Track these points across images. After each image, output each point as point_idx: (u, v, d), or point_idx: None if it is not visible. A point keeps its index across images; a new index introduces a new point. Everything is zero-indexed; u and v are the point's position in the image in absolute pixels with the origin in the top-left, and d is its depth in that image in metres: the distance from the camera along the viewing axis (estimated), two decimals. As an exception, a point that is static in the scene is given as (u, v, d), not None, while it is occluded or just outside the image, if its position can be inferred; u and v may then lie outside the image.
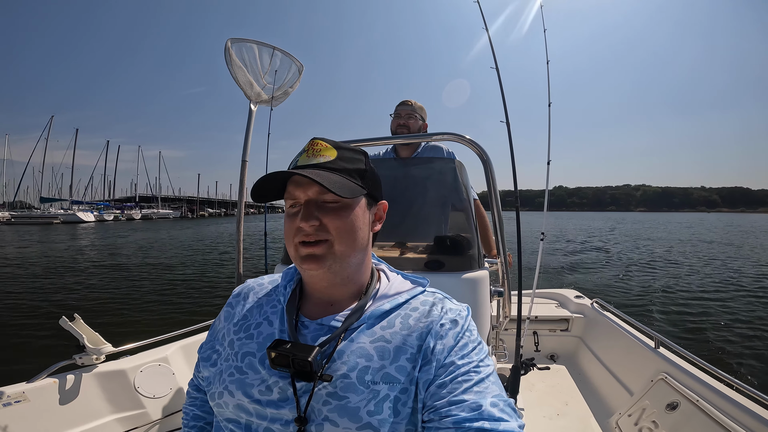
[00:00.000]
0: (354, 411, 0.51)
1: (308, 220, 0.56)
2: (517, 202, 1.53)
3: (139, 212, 58.14)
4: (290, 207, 0.59)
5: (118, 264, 11.05)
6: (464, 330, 0.59)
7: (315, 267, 0.57)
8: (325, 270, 0.58)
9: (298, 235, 0.57)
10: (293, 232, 0.57)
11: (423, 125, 1.88)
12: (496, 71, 1.71)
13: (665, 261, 12.18)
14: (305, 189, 0.57)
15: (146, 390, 1.59)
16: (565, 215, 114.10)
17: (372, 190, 0.62)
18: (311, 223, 0.56)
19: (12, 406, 1.29)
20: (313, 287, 0.64)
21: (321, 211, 0.57)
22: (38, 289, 7.49)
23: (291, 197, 0.59)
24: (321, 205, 0.57)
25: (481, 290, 1.22)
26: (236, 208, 1.83)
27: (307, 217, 0.56)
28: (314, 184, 0.56)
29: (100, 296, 6.94)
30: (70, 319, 1.48)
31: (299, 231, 0.57)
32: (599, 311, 2.67)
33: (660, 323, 5.30)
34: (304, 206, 0.57)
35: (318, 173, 0.55)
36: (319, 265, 0.57)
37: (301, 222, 0.56)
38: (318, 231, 0.56)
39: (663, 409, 1.63)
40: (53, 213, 46.57)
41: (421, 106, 1.89)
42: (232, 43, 1.79)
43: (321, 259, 0.57)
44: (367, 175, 0.62)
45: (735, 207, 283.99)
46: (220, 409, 0.58)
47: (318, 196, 0.57)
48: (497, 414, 0.48)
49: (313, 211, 0.57)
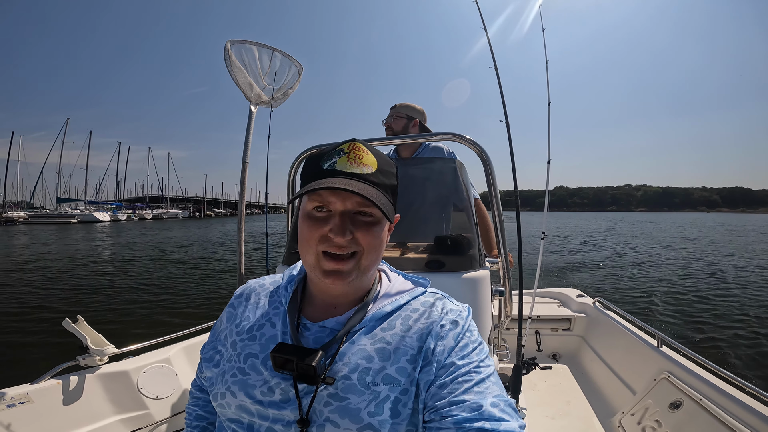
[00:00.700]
0: (355, 412, 0.52)
1: (344, 234, 0.54)
2: (517, 201, 1.53)
3: (150, 212, 59.24)
4: (316, 210, 0.56)
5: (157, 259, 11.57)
6: (464, 330, 0.59)
7: (340, 283, 0.56)
8: (347, 284, 0.57)
9: (324, 244, 0.55)
10: (317, 239, 0.55)
11: (414, 122, 1.89)
12: (495, 71, 1.71)
13: (667, 260, 12.15)
14: (344, 199, 0.55)
15: (149, 391, 1.59)
16: (564, 215, 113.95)
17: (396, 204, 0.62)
18: (345, 238, 0.54)
19: (16, 407, 1.30)
20: (319, 291, 0.63)
21: (354, 224, 0.55)
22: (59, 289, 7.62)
23: (322, 201, 0.55)
24: (353, 217, 0.56)
25: (482, 290, 1.22)
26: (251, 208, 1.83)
27: (342, 231, 0.54)
28: (354, 196, 0.54)
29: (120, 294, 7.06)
30: (73, 321, 1.49)
31: (326, 240, 0.55)
32: (601, 310, 2.66)
33: (662, 322, 5.29)
34: (339, 217, 0.55)
35: (365, 188, 0.54)
36: (344, 282, 0.56)
37: (334, 234, 0.54)
38: (350, 243, 0.55)
39: (666, 408, 1.63)
40: (70, 213, 47.34)
41: (411, 105, 1.89)
42: (231, 45, 1.80)
43: (347, 276, 0.56)
44: (397, 191, 0.61)
45: (735, 207, 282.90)
46: (223, 409, 0.59)
47: (355, 208, 0.56)
48: (498, 414, 0.48)
49: (348, 223, 0.55)
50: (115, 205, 59.83)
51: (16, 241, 19.33)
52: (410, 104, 1.90)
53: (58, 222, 41.71)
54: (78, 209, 51.92)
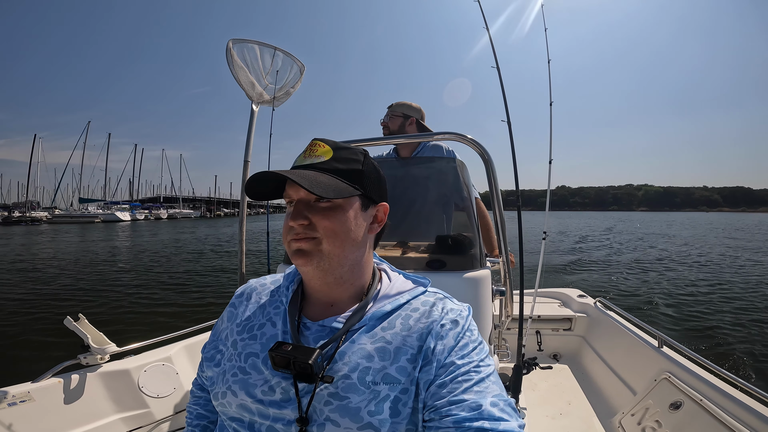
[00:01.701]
0: (355, 411, 0.52)
1: (296, 219, 0.57)
2: (518, 201, 1.52)
3: (165, 212, 61.53)
4: (288, 205, 0.61)
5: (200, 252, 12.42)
6: (465, 330, 0.59)
7: (303, 262, 0.58)
8: (314, 267, 0.58)
9: (290, 233, 0.58)
10: (287, 230, 0.59)
11: (410, 120, 1.88)
12: (497, 71, 1.71)
13: (668, 260, 12.14)
14: (297, 189, 0.59)
15: (150, 389, 1.60)
16: (565, 215, 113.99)
17: (369, 191, 0.62)
18: (299, 222, 0.57)
19: (17, 405, 1.30)
20: (311, 287, 0.64)
21: (311, 210, 0.58)
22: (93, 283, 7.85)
23: (287, 196, 0.61)
24: (312, 204, 0.58)
25: (483, 289, 1.22)
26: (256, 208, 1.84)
27: (295, 216, 0.58)
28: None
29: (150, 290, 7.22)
30: (74, 319, 1.49)
31: (291, 229, 0.58)
32: (602, 310, 2.66)
33: (663, 322, 5.28)
34: (295, 205, 0.59)
35: (305, 174, 0.56)
36: (307, 261, 0.58)
37: (290, 221, 0.58)
38: (306, 229, 0.57)
39: (666, 408, 1.63)
40: (93, 213, 49.50)
41: (407, 103, 1.89)
42: (233, 44, 1.80)
43: (308, 255, 0.58)
44: (364, 176, 0.61)
45: (736, 206, 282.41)
46: (224, 408, 0.59)
47: (308, 196, 0.59)
48: (497, 414, 0.49)
49: (302, 210, 0.58)
50: (134, 206, 61.84)
51: (66, 237, 21.06)
52: (406, 102, 1.89)
53: (81, 221, 43.50)
54: (100, 210, 54.09)
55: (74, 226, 35.86)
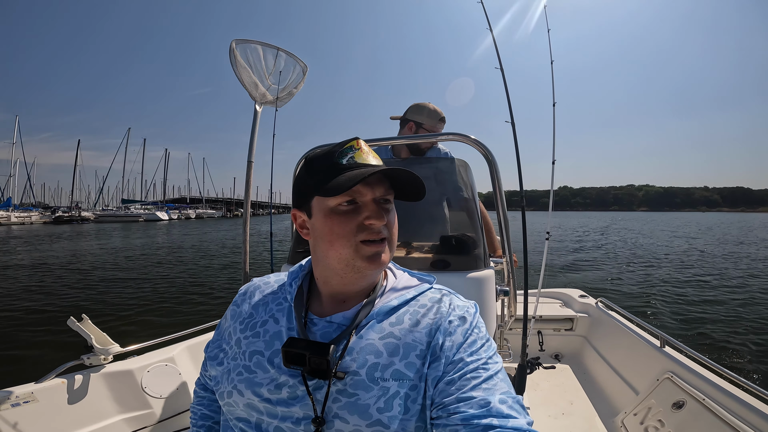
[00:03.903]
0: (364, 408, 0.51)
1: (380, 218, 0.56)
2: (522, 202, 1.53)
3: (193, 212, 65.82)
4: (343, 205, 0.57)
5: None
6: (473, 327, 0.59)
7: (379, 267, 0.58)
8: (379, 270, 0.59)
9: (362, 234, 0.56)
10: (354, 230, 0.56)
11: (408, 125, 1.76)
12: (501, 72, 1.71)
13: (670, 260, 12.15)
14: (373, 187, 0.57)
15: (153, 390, 1.59)
16: (564, 215, 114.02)
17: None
18: (382, 221, 0.56)
19: (21, 406, 1.30)
20: (330, 284, 0.63)
21: (384, 211, 0.59)
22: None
23: (350, 194, 0.57)
24: (380, 205, 0.58)
25: (487, 289, 1.22)
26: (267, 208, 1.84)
27: (379, 215, 0.56)
28: (381, 184, 0.58)
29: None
30: (78, 320, 1.49)
31: (363, 229, 0.56)
32: (604, 310, 2.66)
33: (665, 322, 5.28)
34: (373, 204, 0.57)
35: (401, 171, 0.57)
36: (380, 265, 0.58)
37: (373, 219, 0.56)
38: (382, 229, 0.58)
39: (669, 408, 1.63)
40: (136, 212, 52.97)
41: (435, 109, 1.73)
42: (236, 45, 1.80)
43: (382, 259, 0.58)
44: None
45: (736, 207, 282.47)
46: (230, 408, 0.59)
47: (383, 196, 0.58)
48: (506, 411, 0.48)
49: (381, 209, 0.58)
50: (168, 206, 66.26)
51: (133, 235, 22.87)
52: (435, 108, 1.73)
53: (125, 220, 47.27)
54: (142, 209, 58.08)
55: (118, 224, 39.26)
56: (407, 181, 0.59)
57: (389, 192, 0.60)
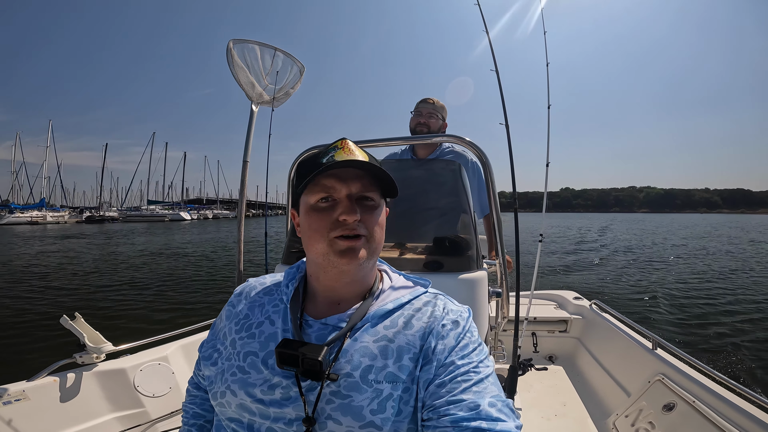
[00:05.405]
0: (357, 410, 0.52)
1: (355, 213, 0.56)
2: (515, 203, 1.53)
3: (211, 213, 68.37)
4: (321, 201, 0.58)
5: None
6: (465, 331, 0.59)
7: (353, 262, 0.57)
8: (356, 266, 0.58)
9: (336, 230, 0.57)
10: (328, 226, 0.57)
11: (443, 125, 1.84)
12: (496, 73, 1.71)
13: (665, 262, 12.20)
14: (348, 183, 0.58)
15: (146, 389, 1.59)
16: (565, 216, 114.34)
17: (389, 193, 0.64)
18: (355, 217, 0.56)
19: (12, 404, 1.29)
20: (323, 285, 0.63)
21: (360, 207, 0.58)
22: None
23: (325, 191, 0.58)
24: (359, 201, 0.59)
25: (480, 291, 1.22)
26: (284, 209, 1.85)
27: (352, 211, 0.56)
28: (358, 180, 0.58)
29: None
30: (71, 318, 1.49)
31: (338, 224, 0.57)
32: (597, 313, 2.67)
33: (658, 324, 5.31)
34: (346, 200, 0.58)
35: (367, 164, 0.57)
36: (357, 262, 0.58)
37: (345, 215, 0.56)
38: (358, 226, 0.57)
39: (660, 410, 1.64)
40: (161, 213, 55.72)
41: (443, 105, 1.84)
42: (234, 44, 1.80)
43: (359, 255, 0.58)
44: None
45: (736, 208, 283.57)
46: (222, 408, 0.59)
47: (360, 192, 0.58)
48: (495, 414, 0.49)
49: (355, 205, 0.58)
50: (189, 207, 68.88)
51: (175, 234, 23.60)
52: (443, 104, 1.84)
53: (151, 220, 49.83)
54: (167, 210, 60.46)
55: (145, 224, 41.51)
56: (383, 178, 0.59)
57: (370, 189, 0.60)
